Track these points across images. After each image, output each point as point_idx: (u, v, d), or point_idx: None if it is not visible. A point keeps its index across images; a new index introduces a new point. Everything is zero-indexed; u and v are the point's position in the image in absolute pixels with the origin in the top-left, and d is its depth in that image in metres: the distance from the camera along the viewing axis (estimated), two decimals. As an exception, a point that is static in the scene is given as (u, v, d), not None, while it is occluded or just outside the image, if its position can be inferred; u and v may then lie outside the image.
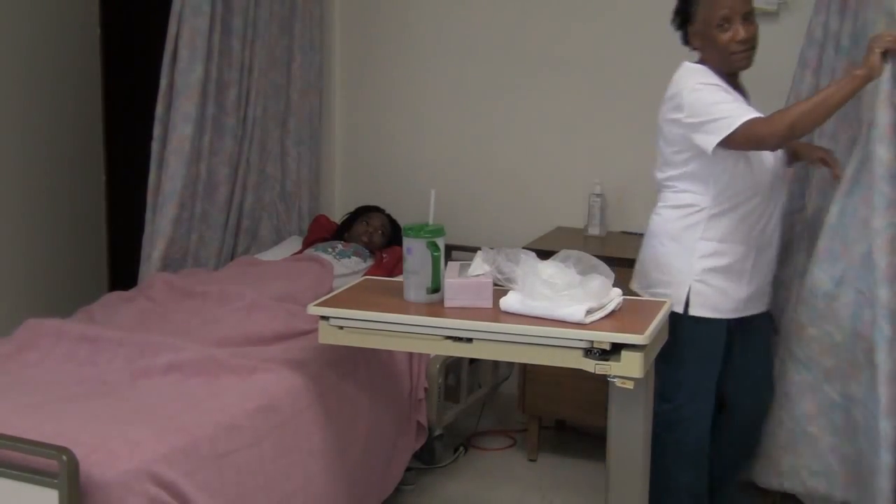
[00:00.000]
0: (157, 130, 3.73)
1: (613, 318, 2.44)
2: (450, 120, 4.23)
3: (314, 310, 2.60)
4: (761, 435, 2.96)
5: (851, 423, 2.73)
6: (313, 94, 4.29)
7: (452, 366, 3.46)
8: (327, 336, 2.61)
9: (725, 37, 2.65)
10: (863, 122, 2.76)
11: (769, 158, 2.72)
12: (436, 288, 2.57)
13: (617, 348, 2.31)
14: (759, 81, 3.61)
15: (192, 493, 2.25)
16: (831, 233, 2.74)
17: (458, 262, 2.67)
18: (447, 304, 2.54)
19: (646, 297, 2.75)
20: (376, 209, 4.18)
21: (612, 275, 2.52)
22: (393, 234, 4.08)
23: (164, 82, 3.71)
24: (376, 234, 4.03)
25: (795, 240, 3.05)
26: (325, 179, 4.45)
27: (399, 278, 2.75)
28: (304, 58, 4.22)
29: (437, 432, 3.48)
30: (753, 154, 2.68)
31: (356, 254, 3.90)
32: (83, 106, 4.60)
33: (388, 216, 4.15)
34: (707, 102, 2.63)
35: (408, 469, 3.30)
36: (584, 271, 2.51)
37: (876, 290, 2.54)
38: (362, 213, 4.15)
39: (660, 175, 2.83)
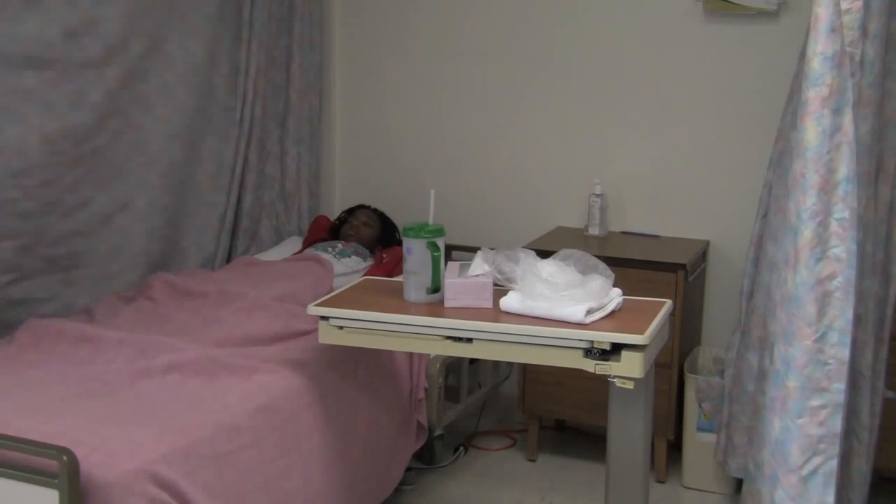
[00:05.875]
0: (156, 130, 3.73)
1: (613, 318, 2.44)
2: (450, 120, 4.23)
3: (314, 310, 2.60)
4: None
5: None
6: (313, 94, 4.28)
7: (452, 366, 3.45)
8: (327, 336, 2.61)
9: None
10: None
11: None
12: (436, 288, 2.57)
13: (617, 348, 2.31)
14: (759, 81, 3.65)
15: (192, 494, 2.25)
16: None
17: (458, 262, 2.67)
18: (447, 304, 2.54)
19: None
20: (360, 207, 4.20)
21: (612, 275, 2.52)
22: (382, 226, 4.09)
23: (164, 82, 3.71)
24: (363, 229, 4.03)
25: None
26: (324, 179, 4.45)
27: (399, 278, 2.75)
28: (303, 58, 4.21)
29: (438, 432, 3.48)
30: None
31: (356, 253, 3.89)
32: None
33: (373, 210, 4.16)
34: None
35: (408, 469, 3.30)
36: (584, 271, 2.51)
37: None
38: (347, 214, 4.18)
39: None
